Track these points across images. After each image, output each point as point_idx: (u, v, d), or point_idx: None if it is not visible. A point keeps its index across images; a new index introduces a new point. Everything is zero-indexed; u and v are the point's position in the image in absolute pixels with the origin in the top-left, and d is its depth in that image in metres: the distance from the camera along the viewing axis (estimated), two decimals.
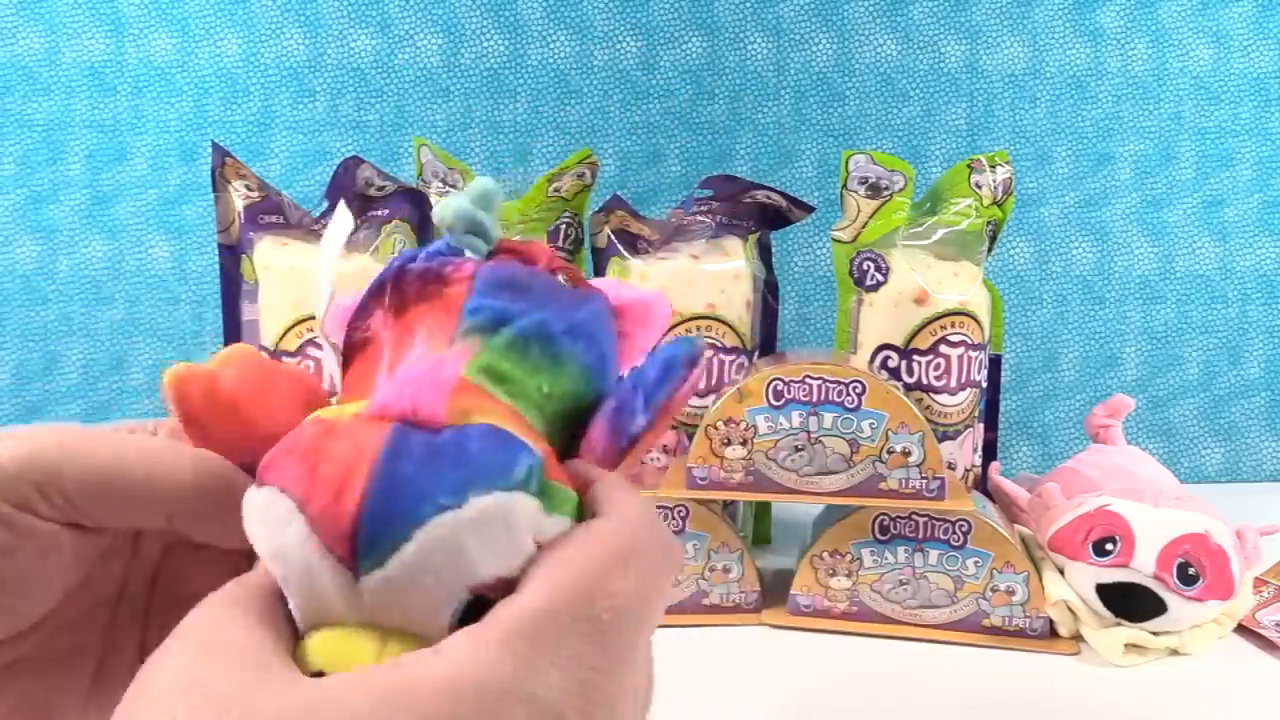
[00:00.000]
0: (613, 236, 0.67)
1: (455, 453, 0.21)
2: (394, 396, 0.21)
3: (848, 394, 0.53)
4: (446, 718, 0.17)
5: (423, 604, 0.20)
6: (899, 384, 0.63)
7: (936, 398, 0.63)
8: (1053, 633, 0.54)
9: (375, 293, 0.26)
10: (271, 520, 0.21)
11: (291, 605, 0.21)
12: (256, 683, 0.18)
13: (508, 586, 0.20)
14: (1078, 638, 0.54)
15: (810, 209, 0.68)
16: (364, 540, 0.20)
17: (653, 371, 0.25)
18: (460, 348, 0.23)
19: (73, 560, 0.25)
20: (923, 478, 0.54)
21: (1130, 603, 0.52)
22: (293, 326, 0.62)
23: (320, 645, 0.20)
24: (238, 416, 0.25)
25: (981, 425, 0.68)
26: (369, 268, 0.63)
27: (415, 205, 0.66)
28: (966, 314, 0.63)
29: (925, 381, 0.63)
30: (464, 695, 0.18)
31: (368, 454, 0.20)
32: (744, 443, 0.54)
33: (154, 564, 0.28)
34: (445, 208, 0.26)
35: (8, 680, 0.25)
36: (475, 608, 0.20)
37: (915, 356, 0.63)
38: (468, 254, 0.26)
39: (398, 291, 0.25)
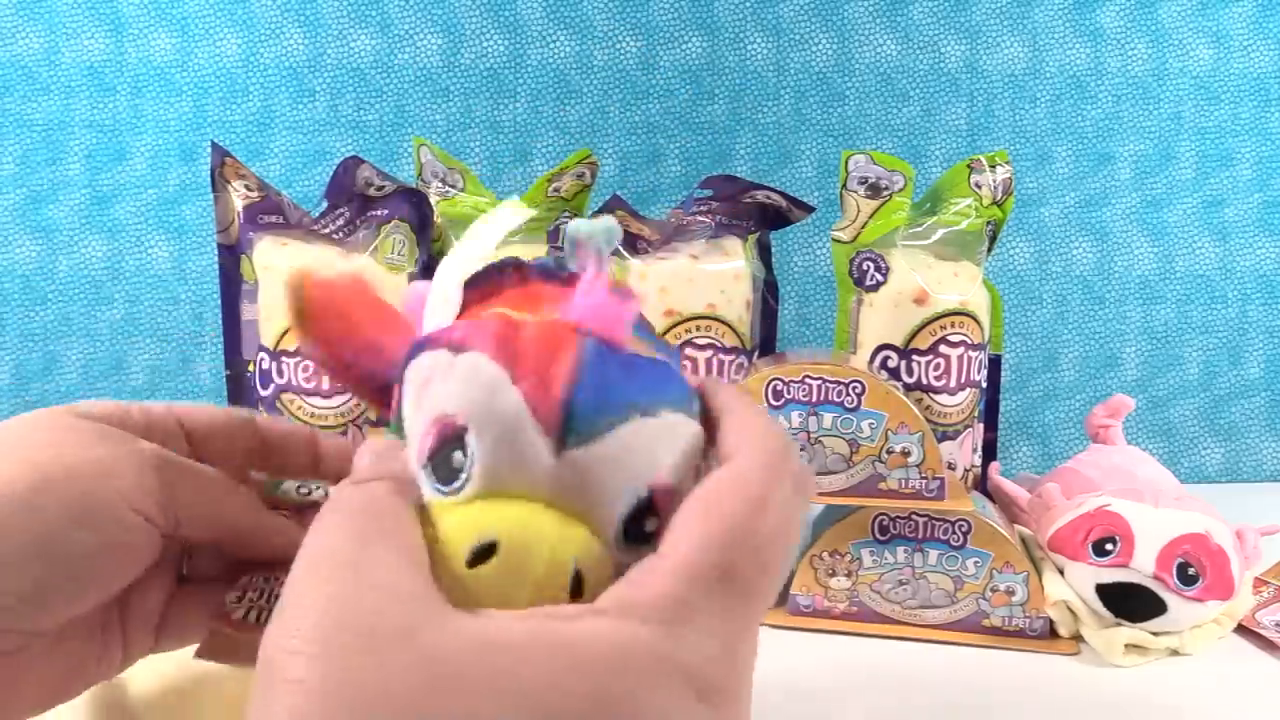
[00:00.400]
0: None
1: (648, 372, 0.23)
2: (586, 314, 0.23)
3: (847, 394, 0.53)
4: (613, 686, 0.18)
5: (609, 489, 0.22)
6: (898, 384, 0.63)
7: (936, 398, 0.63)
8: (1052, 633, 0.54)
9: (498, 268, 0.27)
10: (484, 380, 0.22)
11: (480, 466, 0.21)
12: (424, 615, 0.18)
13: (669, 500, 0.22)
14: (1078, 638, 0.54)
15: (810, 209, 0.68)
16: (574, 419, 0.21)
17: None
18: (632, 298, 0.25)
19: (147, 556, 0.28)
20: (922, 478, 0.54)
21: (1130, 603, 0.52)
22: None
23: (503, 513, 0.21)
24: (346, 321, 0.27)
25: (981, 425, 0.68)
26: (368, 267, 0.63)
27: (415, 205, 0.66)
28: (966, 314, 0.63)
29: (925, 381, 0.63)
30: (630, 664, 0.18)
31: (570, 351, 0.22)
32: None
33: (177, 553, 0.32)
34: (583, 225, 0.27)
35: (61, 642, 0.27)
36: (640, 514, 0.22)
37: (915, 356, 0.63)
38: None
39: (520, 270, 0.27)
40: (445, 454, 0.22)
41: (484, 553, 0.20)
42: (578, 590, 0.21)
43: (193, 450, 0.31)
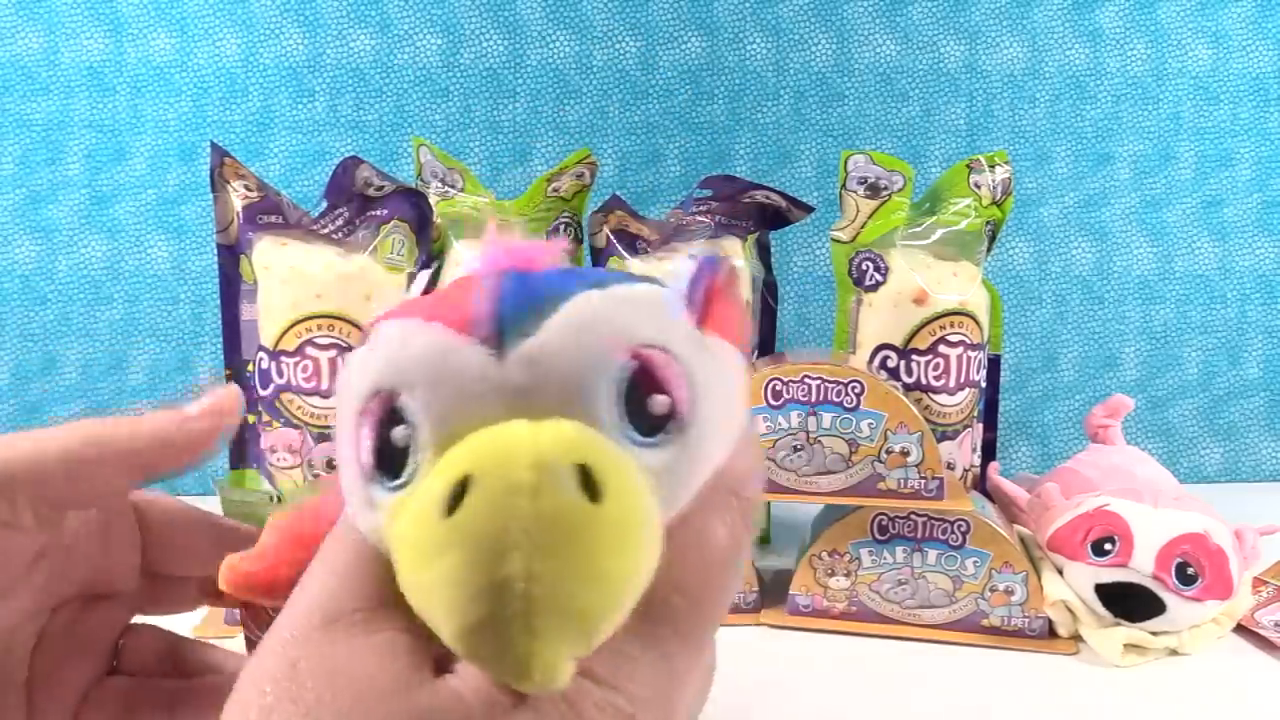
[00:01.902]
0: (612, 236, 0.67)
1: (589, 270, 0.20)
2: (500, 253, 0.20)
3: (846, 394, 0.53)
4: None
5: (580, 367, 0.18)
6: (898, 384, 0.63)
7: (935, 398, 0.63)
8: (1052, 633, 0.54)
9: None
10: (391, 336, 0.19)
11: (426, 421, 0.18)
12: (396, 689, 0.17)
13: (669, 368, 0.18)
14: (1077, 638, 0.54)
15: (809, 209, 0.68)
16: (507, 315, 0.18)
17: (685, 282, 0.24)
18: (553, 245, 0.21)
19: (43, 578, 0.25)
20: (921, 478, 0.54)
21: (1129, 603, 0.52)
22: (292, 326, 0.61)
23: (466, 447, 0.17)
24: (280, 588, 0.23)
25: (980, 425, 0.68)
26: (367, 267, 0.63)
27: (414, 205, 0.66)
28: (965, 314, 0.63)
29: (924, 381, 0.63)
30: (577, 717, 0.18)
31: (491, 277, 0.19)
32: None
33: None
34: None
35: None
36: (638, 394, 0.18)
37: (914, 356, 0.63)
38: None
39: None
40: (386, 440, 0.18)
41: (458, 494, 0.16)
42: (593, 490, 0.17)
43: (144, 539, 0.28)
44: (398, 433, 0.18)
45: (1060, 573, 0.55)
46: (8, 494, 0.24)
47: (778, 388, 0.54)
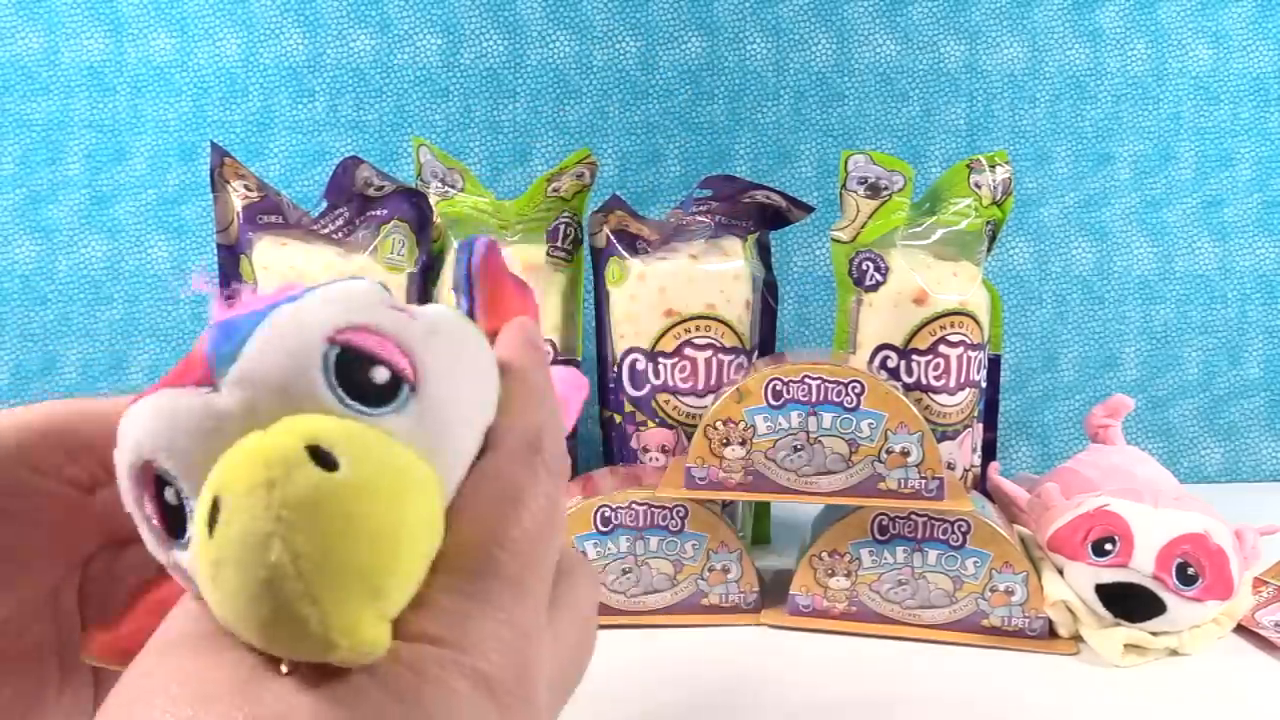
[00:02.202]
0: (612, 236, 0.67)
1: (292, 293, 0.21)
2: (218, 315, 0.21)
3: (847, 394, 0.53)
4: (424, 708, 0.18)
5: (284, 367, 0.19)
6: (898, 384, 0.63)
7: (936, 398, 0.63)
8: (1052, 633, 0.54)
9: None
10: (131, 418, 0.20)
11: (179, 476, 0.19)
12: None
13: (378, 340, 0.20)
14: (1077, 638, 0.54)
15: (810, 209, 0.68)
16: (215, 353, 0.19)
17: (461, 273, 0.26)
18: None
19: (78, 527, 0.25)
20: (922, 478, 0.54)
21: (1129, 603, 0.52)
22: None
23: (211, 477, 0.18)
24: None
25: (981, 425, 0.68)
26: (367, 267, 0.63)
27: (414, 205, 0.66)
28: (966, 314, 0.63)
29: (924, 381, 0.63)
30: (432, 684, 0.18)
31: (204, 335, 0.20)
32: (743, 443, 0.54)
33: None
34: None
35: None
36: (348, 366, 0.19)
37: (914, 356, 0.63)
38: None
39: None
40: (165, 505, 0.19)
41: (214, 515, 0.17)
42: (327, 461, 0.18)
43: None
44: (169, 493, 0.19)
45: (1060, 573, 0.55)
46: (74, 453, 0.25)
47: (778, 388, 0.54)
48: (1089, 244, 0.91)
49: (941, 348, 0.63)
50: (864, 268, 0.65)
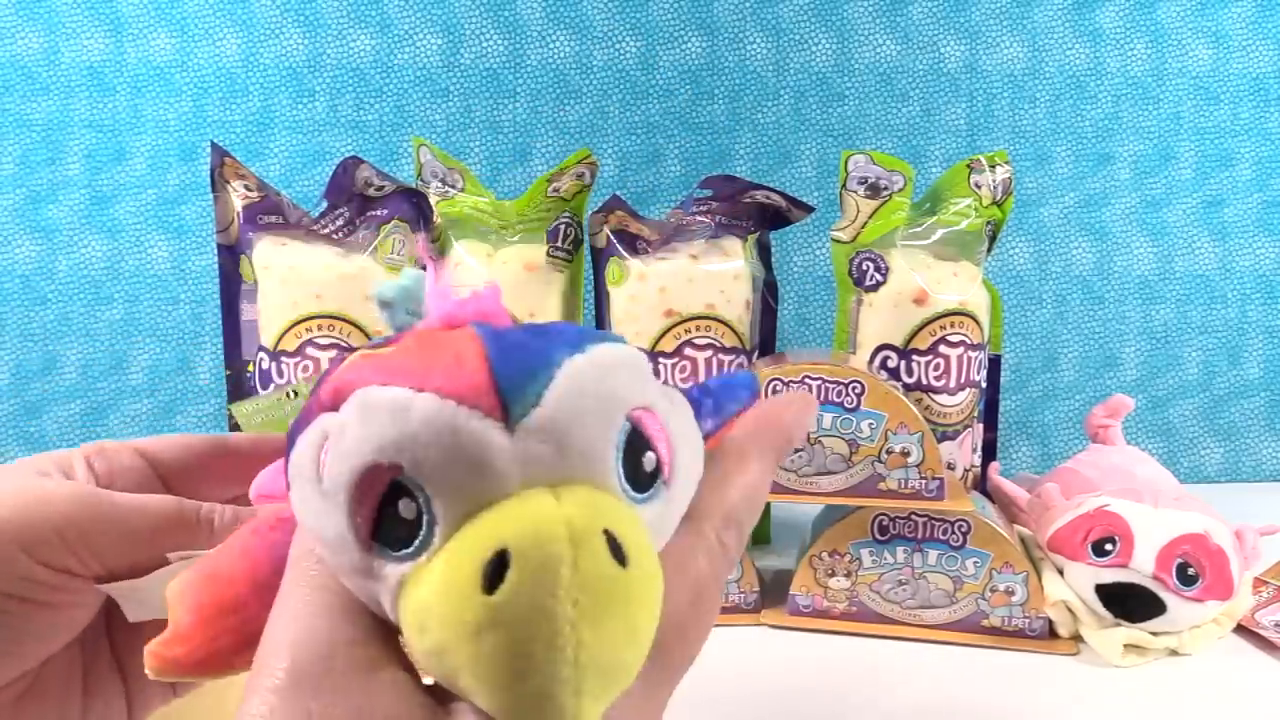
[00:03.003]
0: (612, 236, 0.67)
1: (549, 327, 0.20)
2: (455, 307, 0.20)
3: (847, 394, 0.53)
4: None
5: (590, 434, 0.18)
6: (898, 384, 0.63)
7: (936, 398, 0.63)
8: (1052, 633, 0.54)
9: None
10: (381, 411, 0.18)
11: (439, 493, 0.18)
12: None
13: (656, 427, 0.19)
14: (1077, 638, 0.54)
15: (810, 209, 0.68)
16: (508, 386, 0.18)
17: (725, 394, 0.26)
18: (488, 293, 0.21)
19: (83, 609, 0.25)
20: (922, 478, 0.54)
21: (1129, 603, 0.52)
22: (292, 326, 0.61)
23: (494, 520, 0.17)
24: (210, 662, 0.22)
25: (981, 425, 0.68)
26: (368, 268, 0.63)
27: (414, 205, 0.66)
28: (966, 314, 0.63)
29: (925, 381, 0.63)
30: None
31: (465, 338, 0.19)
32: None
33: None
34: (386, 287, 0.23)
35: (24, 707, 0.25)
36: (633, 453, 0.19)
37: (914, 356, 0.63)
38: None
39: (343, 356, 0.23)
40: (390, 515, 0.18)
41: (497, 569, 0.17)
42: (620, 555, 0.17)
43: (164, 483, 0.28)
44: (405, 506, 0.18)
45: (1060, 573, 0.55)
46: (82, 557, 0.25)
47: (778, 388, 0.54)
48: (1089, 244, 0.91)
49: (941, 348, 0.63)
50: (864, 268, 0.65)
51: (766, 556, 0.67)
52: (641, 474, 0.19)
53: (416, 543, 0.18)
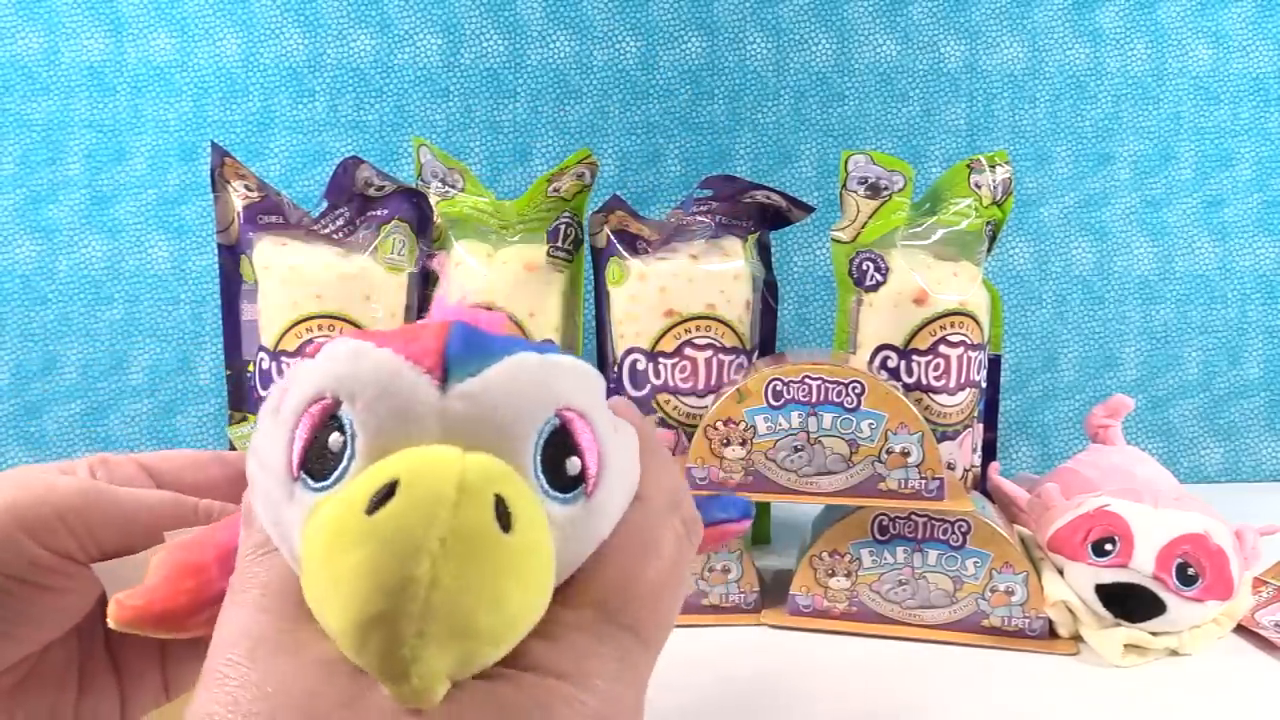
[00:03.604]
0: (612, 236, 0.67)
1: (527, 340, 0.22)
2: (451, 312, 0.22)
3: (847, 394, 0.53)
4: None
5: (513, 416, 0.19)
6: (898, 384, 0.63)
7: (936, 398, 0.63)
8: (1052, 633, 0.54)
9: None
10: (340, 354, 0.20)
11: (363, 430, 0.19)
12: (363, 685, 0.18)
13: (585, 434, 0.20)
14: (1077, 638, 0.54)
15: (810, 209, 0.68)
16: (454, 355, 0.19)
17: (715, 504, 0.27)
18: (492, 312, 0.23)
19: (82, 596, 0.26)
20: (922, 478, 0.54)
21: (1129, 603, 0.52)
22: (292, 326, 0.62)
23: (399, 457, 0.18)
24: (178, 622, 0.23)
25: (981, 425, 0.68)
26: (368, 268, 0.63)
27: (415, 205, 0.66)
28: (966, 314, 0.63)
29: (925, 382, 0.63)
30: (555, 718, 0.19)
31: (438, 324, 0.21)
32: (743, 443, 0.54)
33: None
34: None
35: (19, 696, 0.26)
36: (556, 449, 0.20)
37: (914, 356, 0.63)
38: None
39: None
40: (321, 443, 0.19)
41: (384, 496, 0.17)
42: (506, 520, 0.18)
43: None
44: (334, 439, 0.19)
45: (1060, 573, 0.55)
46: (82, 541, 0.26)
47: (778, 388, 0.54)
48: (1089, 244, 0.91)
49: (941, 348, 0.63)
50: (864, 268, 0.65)
51: (766, 556, 0.67)
52: (563, 475, 0.20)
53: (334, 474, 0.19)
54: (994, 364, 0.68)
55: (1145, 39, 0.89)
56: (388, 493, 0.17)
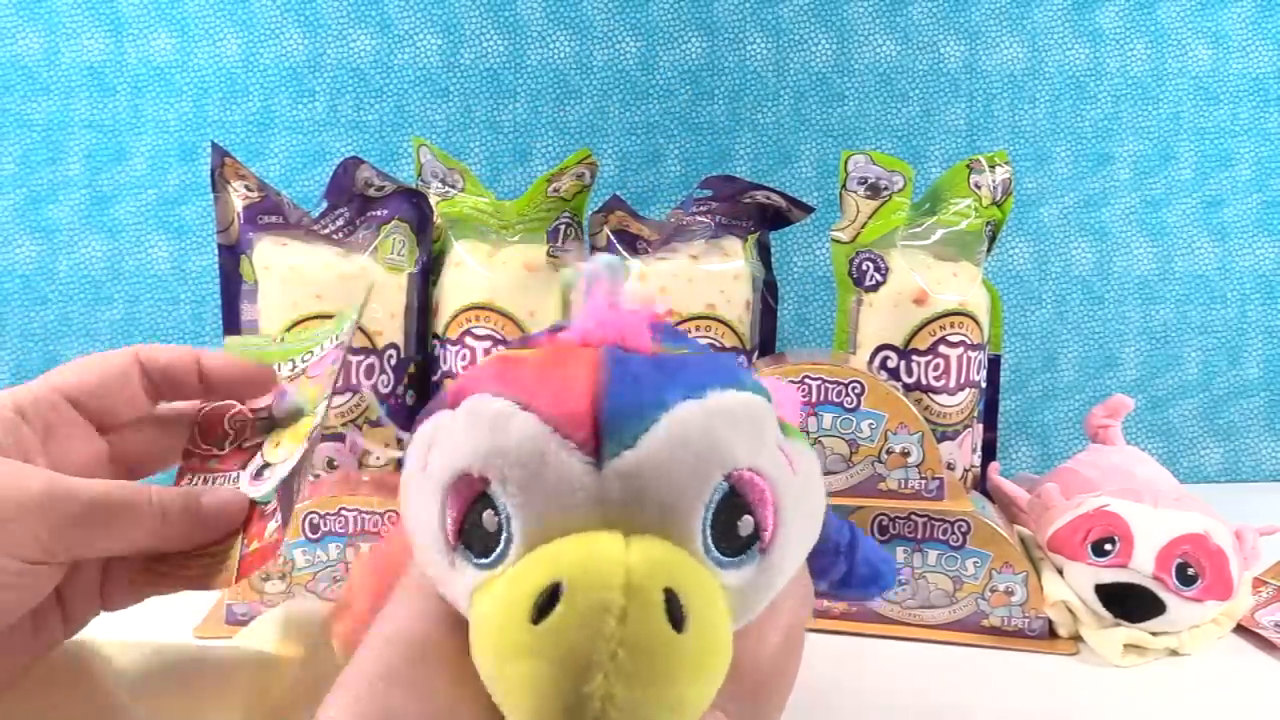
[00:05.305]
0: (612, 237, 0.67)
1: (681, 362, 0.20)
2: (595, 326, 0.20)
3: (847, 394, 0.53)
4: None
5: (677, 488, 0.18)
6: (898, 384, 0.63)
7: (935, 398, 0.63)
8: (1052, 633, 0.54)
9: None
10: (484, 421, 0.18)
11: (517, 514, 0.18)
12: None
13: (758, 491, 0.19)
14: (1077, 638, 0.54)
15: (810, 209, 0.68)
16: (608, 423, 0.18)
17: (864, 571, 0.27)
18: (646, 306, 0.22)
19: (46, 584, 0.27)
20: (922, 478, 0.54)
21: (1129, 603, 0.52)
22: (292, 326, 0.61)
23: (560, 550, 0.17)
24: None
25: (980, 425, 0.68)
26: (368, 268, 0.63)
27: (415, 205, 0.66)
28: (966, 314, 0.63)
29: (924, 382, 0.63)
30: None
31: (588, 362, 0.19)
32: None
33: None
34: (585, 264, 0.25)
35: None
36: (727, 513, 0.18)
37: (914, 357, 0.63)
38: None
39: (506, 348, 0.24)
40: (474, 521, 0.19)
41: (549, 600, 0.17)
42: (677, 617, 0.17)
43: (85, 414, 0.30)
44: (487, 517, 0.18)
45: (1060, 573, 0.55)
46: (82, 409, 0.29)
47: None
48: (1089, 244, 0.91)
49: (941, 348, 0.63)
50: (864, 268, 0.65)
51: None
52: (735, 537, 0.19)
53: (494, 554, 0.18)
54: (994, 364, 0.68)
55: (1145, 39, 0.89)
56: (551, 597, 0.17)
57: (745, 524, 0.19)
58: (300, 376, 0.34)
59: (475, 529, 0.19)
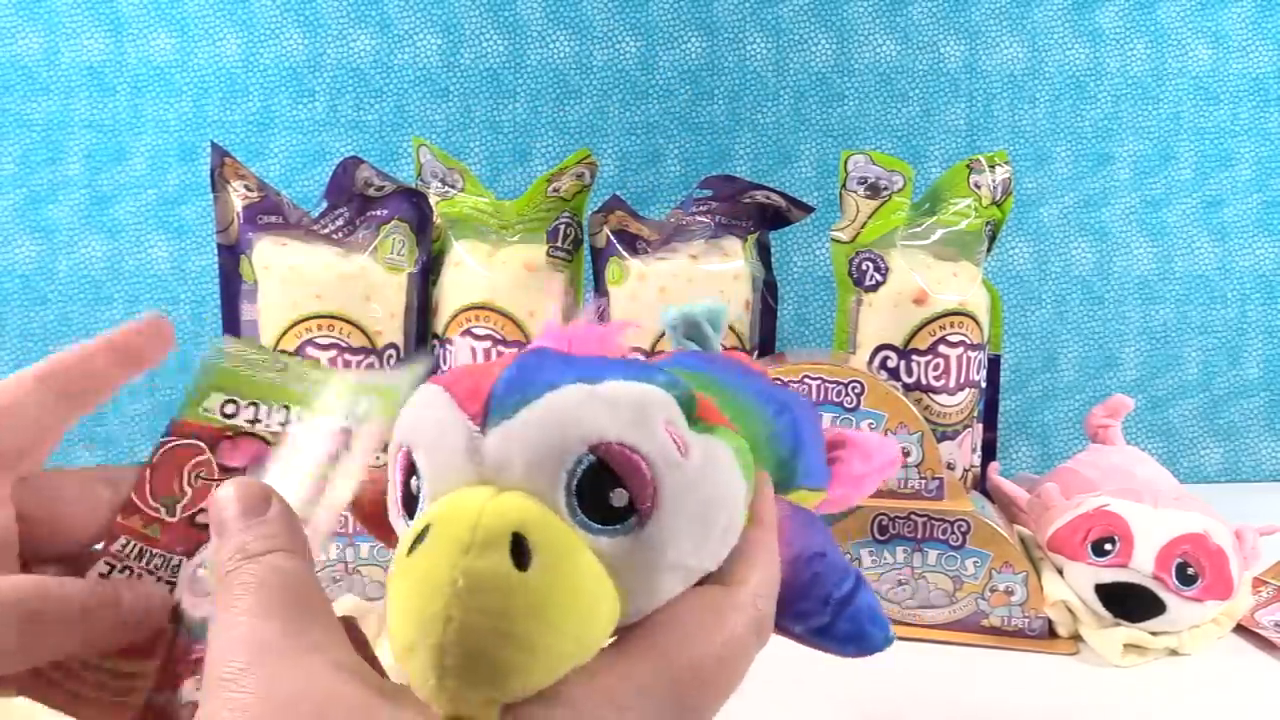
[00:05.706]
0: (612, 237, 0.67)
1: (603, 361, 0.22)
2: (551, 337, 0.24)
3: (847, 394, 0.53)
4: None
5: (541, 453, 0.20)
6: (898, 384, 0.63)
7: (935, 398, 0.63)
8: (1052, 633, 0.54)
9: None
10: (420, 400, 0.22)
11: (425, 476, 0.21)
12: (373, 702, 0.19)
13: (630, 464, 0.20)
14: (1077, 638, 0.54)
15: (809, 209, 0.68)
16: (496, 398, 0.21)
17: (846, 628, 0.27)
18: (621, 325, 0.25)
19: None
20: (922, 478, 0.54)
21: (1129, 603, 0.52)
22: (292, 326, 0.61)
23: (441, 501, 0.20)
24: None
25: (980, 425, 0.68)
26: (368, 268, 0.63)
27: (414, 205, 0.66)
28: (965, 314, 0.63)
29: (924, 381, 0.63)
30: None
31: (512, 356, 0.22)
32: None
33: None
34: (675, 311, 0.29)
35: None
36: (594, 481, 0.20)
37: (914, 356, 0.63)
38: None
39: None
40: (409, 489, 0.22)
41: (419, 538, 0.20)
42: (522, 558, 0.19)
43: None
44: (413, 483, 0.22)
45: (1060, 573, 0.55)
46: None
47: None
48: (1089, 244, 0.91)
49: (941, 348, 0.63)
50: (864, 268, 0.65)
51: None
52: (607, 506, 0.21)
53: (416, 513, 0.22)
54: (994, 364, 0.68)
55: (1145, 39, 0.89)
56: (422, 536, 0.20)
57: (619, 495, 0.21)
58: (284, 443, 0.29)
59: (409, 496, 0.22)
